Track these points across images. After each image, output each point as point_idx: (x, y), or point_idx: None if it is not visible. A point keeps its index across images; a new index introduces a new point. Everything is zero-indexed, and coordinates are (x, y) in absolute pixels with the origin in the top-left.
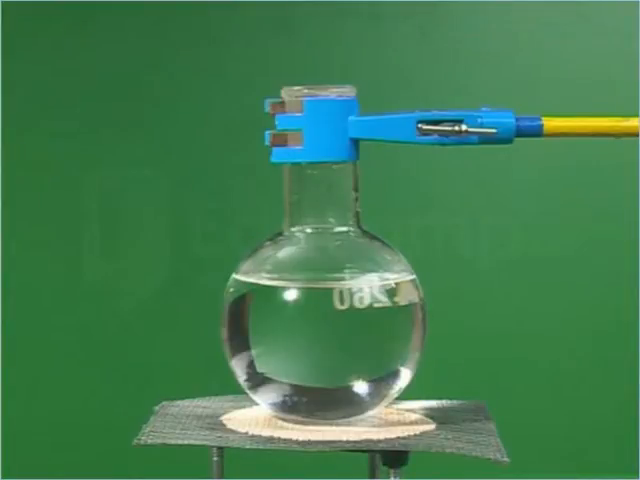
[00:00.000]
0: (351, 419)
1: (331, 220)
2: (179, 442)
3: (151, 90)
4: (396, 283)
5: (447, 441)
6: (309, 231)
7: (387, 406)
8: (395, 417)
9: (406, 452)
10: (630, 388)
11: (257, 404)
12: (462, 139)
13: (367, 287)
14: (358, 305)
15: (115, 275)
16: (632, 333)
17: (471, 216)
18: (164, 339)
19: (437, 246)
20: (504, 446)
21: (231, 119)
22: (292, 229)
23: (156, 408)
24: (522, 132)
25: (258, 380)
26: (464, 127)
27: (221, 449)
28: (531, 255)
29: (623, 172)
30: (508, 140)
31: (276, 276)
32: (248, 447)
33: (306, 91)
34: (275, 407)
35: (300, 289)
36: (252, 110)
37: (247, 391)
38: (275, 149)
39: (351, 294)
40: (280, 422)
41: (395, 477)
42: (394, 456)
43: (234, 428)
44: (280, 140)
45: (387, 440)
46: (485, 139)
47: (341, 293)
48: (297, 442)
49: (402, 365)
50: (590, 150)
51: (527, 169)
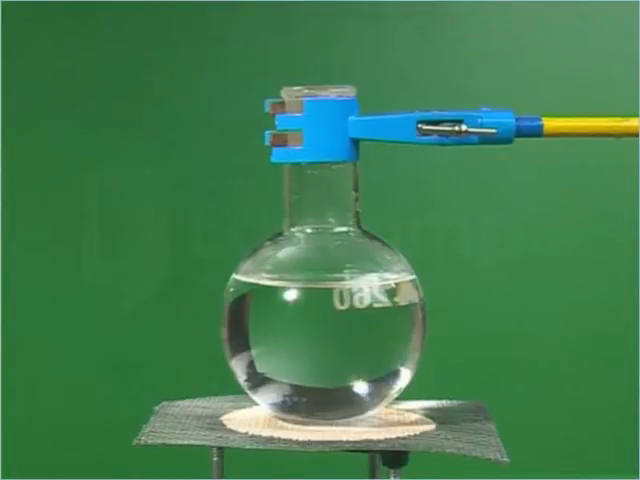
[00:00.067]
0: (351, 419)
1: (331, 220)
2: (179, 442)
3: (151, 90)
4: (396, 283)
5: (447, 441)
6: (309, 231)
7: (387, 406)
8: (395, 417)
9: (406, 452)
10: (630, 388)
11: (257, 404)
12: (462, 139)
13: (367, 287)
14: (358, 305)
15: (115, 275)
16: (632, 333)
17: (471, 216)
18: (164, 339)
19: (437, 246)
20: (504, 446)
21: (231, 119)
22: (292, 229)
23: (156, 408)
24: (522, 132)
25: (258, 380)
26: (464, 127)
27: (221, 449)
28: (531, 255)
29: (623, 172)
30: (508, 140)
31: (276, 276)
32: (248, 447)
33: (306, 91)
34: (275, 407)
35: (300, 289)
36: (252, 110)
37: (247, 391)
38: (275, 149)
39: (351, 294)
40: (280, 422)
41: (395, 477)
42: (394, 456)
43: (234, 428)
44: (280, 140)
45: (387, 440)
46: (485, 139)
47: (341, 293)
48: (297, 442)
49: (402, 365)
50: (590, 150)
51: (527, 169)
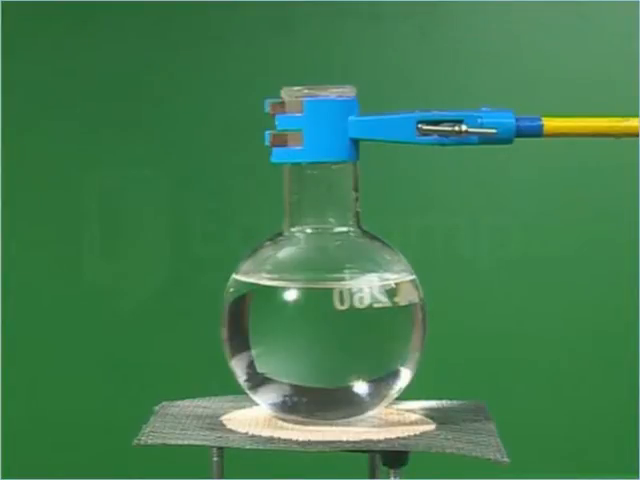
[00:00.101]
0: (351, 419)
1: (331, 220)
2: (179, 442)
3: (151, 90)
4: (396, 283)
5: (447, 441)
6: (309, 231)
7: (387, 406)
8: (395, 417)
9: (406, 452)
10: (630, 388)
11: (257, 404)
12: (462, 139)
13: (367, 287)
14: (358, 305)
15: (115, 275)
16: (632, 333)
17: (471, 216)
18: (164, 339)
19: (437, 246)
20: (504, 446)
21: (231, 119)
22: (292, 229)
23: (156, 408)
24: (522, 132)
25: (258, 380)
26: (464, 127)
27: (221, 449)
28: (531, 255)
29: (623, 172)
30: (508, 140)
31: (276, 276)
32: (248, 447)
33: (306, 91)
34: (275, 407)
35: (300, 289)
36: (252, 110)
37: (247, 391)
38: (275, 149)
39: (351, 294)
40: (280, 422)
41: (395, 477)
42: (394, 456)
43: (234, 428)
44: (280, 140)
45: (387, 440)
46: (485, 139)
47: (341, 293)
48: (297, 442)
49: (402, 365)
50: (590, 150)
51: (527, 169)
